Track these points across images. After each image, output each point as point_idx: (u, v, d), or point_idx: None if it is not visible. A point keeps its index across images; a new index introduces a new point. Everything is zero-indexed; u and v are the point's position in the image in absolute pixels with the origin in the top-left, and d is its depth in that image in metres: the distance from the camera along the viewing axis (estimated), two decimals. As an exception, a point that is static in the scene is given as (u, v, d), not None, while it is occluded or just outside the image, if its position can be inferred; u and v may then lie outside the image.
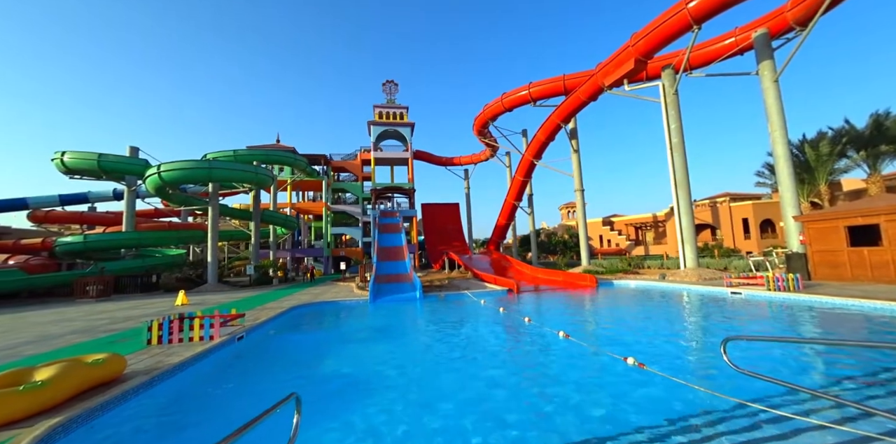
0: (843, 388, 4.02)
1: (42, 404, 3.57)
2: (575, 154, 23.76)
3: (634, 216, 40.82)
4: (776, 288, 9.96)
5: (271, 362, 6.24)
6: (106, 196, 35.29)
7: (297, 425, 2.41)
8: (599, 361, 5.25)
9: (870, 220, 11.38)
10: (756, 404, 3.48)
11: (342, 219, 38.01)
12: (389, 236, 23.21)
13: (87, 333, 7.97)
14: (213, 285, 18.97)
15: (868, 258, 11.33)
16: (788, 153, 14.27)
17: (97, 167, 21.45)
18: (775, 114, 14.38)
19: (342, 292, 15.15)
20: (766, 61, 14.89)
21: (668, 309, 9.80)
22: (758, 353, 5.38)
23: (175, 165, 18.61)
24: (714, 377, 4.49)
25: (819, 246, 12.43)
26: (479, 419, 3.54)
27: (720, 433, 3.06)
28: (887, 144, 19.97)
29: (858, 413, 3.23)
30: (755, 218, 27.48)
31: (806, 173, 22.01)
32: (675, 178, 15.73)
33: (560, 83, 23.73)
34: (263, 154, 26.15)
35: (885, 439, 2.79)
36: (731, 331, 6.92)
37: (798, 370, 4.68)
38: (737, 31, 17.70)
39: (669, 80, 16.52)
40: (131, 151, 23.70)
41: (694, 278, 13.65)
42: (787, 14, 15.47)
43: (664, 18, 15.05)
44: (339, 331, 8.88)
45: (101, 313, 11.22)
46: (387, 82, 39.04)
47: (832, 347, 5.25)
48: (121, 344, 6.73)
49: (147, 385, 4.50)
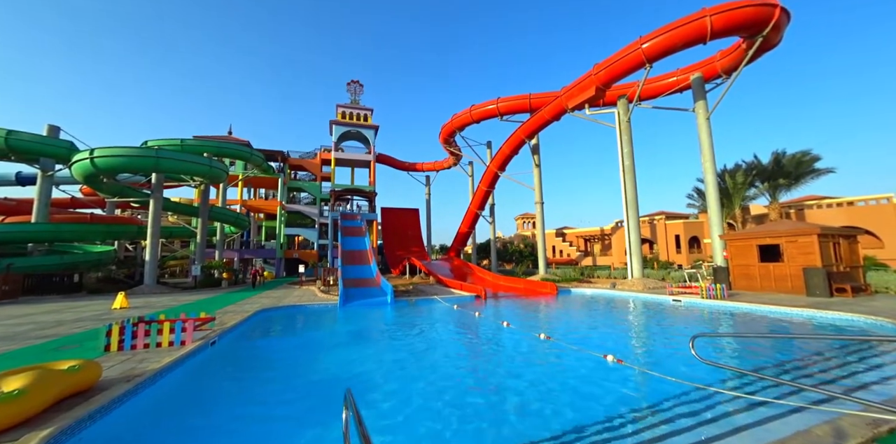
0: (782, 370, 4.97)
1: (19, 414, 3.17)
2: (536, 169, 25.31)
3: (584, 229, 44.16)
4: (708, 296, 11.60)
5: (253, 367, 5.94)
6: (6, 179, 30.05)
7: (348, 420, 2.51)
8: (582, 359, 5.82)
9: (775, 240, 13.72)
10: (715, 388, 4.27)
11: (297, 219, 36.16)
12: (353, 239, 22.66)
13: (9, 340, 6.82)
14: (151, 287, 17.03)
15: (773, 272, 13.61)
16: (716, 182, 16.67)
17: (4, 145, 18.29)
18: (707, 147, 16.76)
19: (305, 296, 14.52)
20: (701, 101, 17.36)
21: (625, 314, 10.92)
22: (709, 347, 6.34)
23: (114, 151, 16.56)
24: (680, 369, 5.24)
25: (738, 261, 14.64)
26: (501, 404, 3.84)
27: (690, 412, 3.71)
28: (783, 178, 24.13)
29: (792, 390, 4.08)
30: (685, 235, 31.32)
31: (725, 198, 25.67)
32: (626, 197, 17.53)
33: (526, 101, 25.30)
34: (216, 146, 24.11)
35: (811, 407, 3.59)
36: (684, 331, 7.98)
37: (750, 357, 5.64)
38: (678, 71, 20.42)
39: (623, 108, 18.49)
40: (50, 131, 20.62)
41: (640, 287, 15.27)
42: (717, 63, 18.26)
43: (623, 54, 16.94)
44: (316, 335, 8.62)
45: (16, 318, 9.61)
46: (351, 82, 38.34)
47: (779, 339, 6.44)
48: (69, 351, 5.95)
49: (131, 393, 4.12)
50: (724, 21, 14.41)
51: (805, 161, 23.45)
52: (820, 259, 12.20)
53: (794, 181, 23.93)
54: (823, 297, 11.31)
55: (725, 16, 14.35)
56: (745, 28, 14.72)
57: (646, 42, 16.03)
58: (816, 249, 12.31)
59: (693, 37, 15.09)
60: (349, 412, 2.50)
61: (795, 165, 23.62)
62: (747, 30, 14.83)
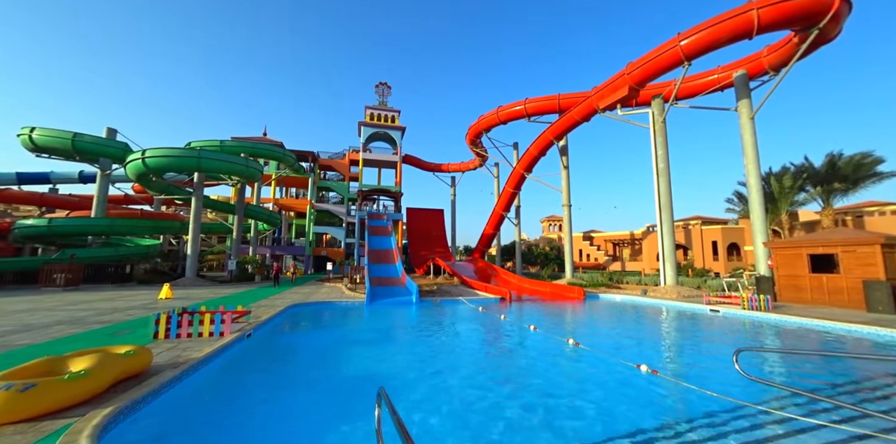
0: (838, 392, 4.58)
1: (85, 393, 3.47)
2: (565, 170, 24.75)
3: (613, 233, 42.68)
4: (750, 308, 10.87)
5: (287, 360, 6.19)
6: (70, 178, 32.95)
7: (380, 418, 2.55)
8: (614, 368, 5.62)
9: (829, 250, 12.65)
10: (764, 406, 3.98)
11: (325, 218, 37.32)
12: (379, 238, 23.09)
13: (75, 324, 7.52)
14: (192, 279, 18.12)
15: (826, 284, 12.56)
16: (760, 185, 15.63)
17: (71, 147, 20.08)
18: (750, 148, 15.76)
19: (333, 293, 14.94)
20: (745, 100, 16.34)
21: (658, 322, 10.45)
22: (753, 362, 5.95)
23: (162, 151, 17.81)
24: (720, 384, 4.95)
25: (785, 271, 13.63)
26: (529, 412, 3.79)
27: (729, 430, 3.49)
28: (839, 182, 22.23)
29: (853, 414, 3.74)
30: (723, 241, 29.56)
31: (770, 203, 24.00)
32: (659, 201, 16.78)
33: (555, 102, 24.80)
34: (251, 147, 25.38)
35: (879, 436, 3.28)
36: (723, 343, 7.54)
37: (798, 377, 5.25)
38: (719, 69, 19.34)
39: (658, 108, 17.71)
40: (108, 133, 22.39)
41: (674, 295, 14.55)
42: (764, 59, 17.13)
43: (658, 52, 16.24)
44: (346, 332, 8.84)
45: (80, 304, 10.53)
46: (380, 84, 39.13)
47: (829, 357, 5.94)
48: (122, 336, 6.44)
49: (178, 379, 4.41)
50: (773, 14, 13.47)
51: (865, 164, 21.50)
52: (884, 272, 11.13)
53: (852, 185, 21.99)
54: (887, 314, 10.30)
55: (775, 8, 13.39)
56: (797, 21, 13.70)
57: (684, 39, 15.29)
58: (879, 260, 11.24)
59: (737, 32, 14.22)
60: (382, 410, 2.56)
61: (854, 167, 21.71)
62: (800, 22, 13.80)
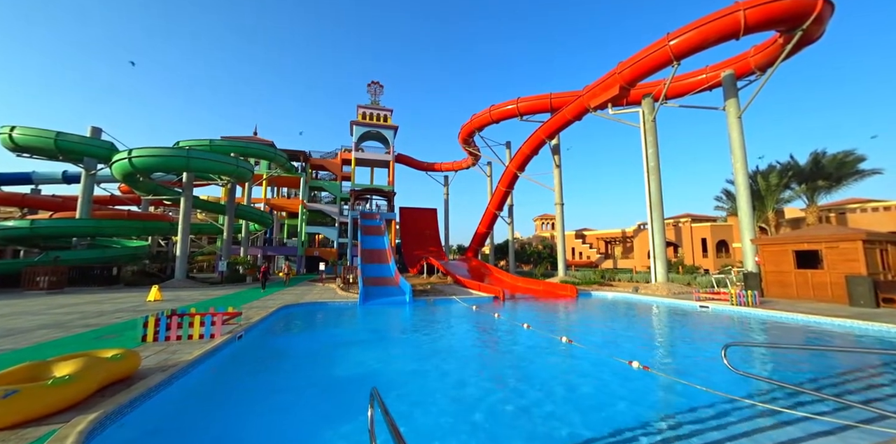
0: (822, 385, 4.69)
1: (70, 398, 3.39)
2: (557, 169, 24.90)
3: (605, 231, 43.11)
4: (738, 303, 11.07)
5: (278, 361, 6.11)
6: (53, 178, 32.16)
7: (373, 418, 2.53)
8: (606, 364, 5.68)
9: (813, 246, 12.95)
10: (751, 400, 4.09)
11: (317, 218, 37.00)
12: (372, 238, 22.99)
13: (59, 328, 7.33)
14: (181, 281, 17.83)
15: (811, 280, 12.85)
16: (748, 183, 15.92)
17: (54, 147, 19.54)
18: (738, 147, 16.03)
19: (326, 294, 14.83)
20: (732, 99, 16.61)
21: (649, 319, 10.58)
22: (741, 357, 6.05)
23: (150, 151, 17.45)
24: (709, 378, 5.02)
25: (771, 267, 13.91)
26: (521, 409, 3.81)
27: (717, 424, 3.55)
28: (823, 180, 22.74)
29: (837, 406, 3.84)
30: (712, 239, 30.06)
31: (757, 201, 24.44)
32: (650, 199, 16.98)
33: (547, 101, 24.92)
34: (242, 146, 25.00)
35: (860, 426, 3.36)
36: (712, 339, 7.66)
37: (784, 370, 5.36)
38: (708, 69, 19.62)
39: (648, 107, 17.92)
40: (93, 132, 21.85)
41: (665, 292, 14.76)
42: (750, 59, 17.43)
43: (648, 52, 16.41)
44: (338, 332, 8.77)
45: (64, 307, 10.28)
46: (372, 83, 38.87)
47: (813, 351, 6.07)
48: (109, 340, 6.30)
49: (166, 382, 4.32)
50: (759, 15, 13.72)
51: (848, 162, 22.02)
52: (865, 267, 11.44)
53: (835, 183, 22.51)
54: (869, 307, 10.58)
55: (761, 9, 13.65)
56: (782, 22, 13.97)
57: (673, 39, 15.47)
58: (861, 255, 11.54)
59: (725, 32, 14.44)
60: (374, 411, 2.54)
61: (837, 165, 22.22)
62: (785, 23, 14.08)
